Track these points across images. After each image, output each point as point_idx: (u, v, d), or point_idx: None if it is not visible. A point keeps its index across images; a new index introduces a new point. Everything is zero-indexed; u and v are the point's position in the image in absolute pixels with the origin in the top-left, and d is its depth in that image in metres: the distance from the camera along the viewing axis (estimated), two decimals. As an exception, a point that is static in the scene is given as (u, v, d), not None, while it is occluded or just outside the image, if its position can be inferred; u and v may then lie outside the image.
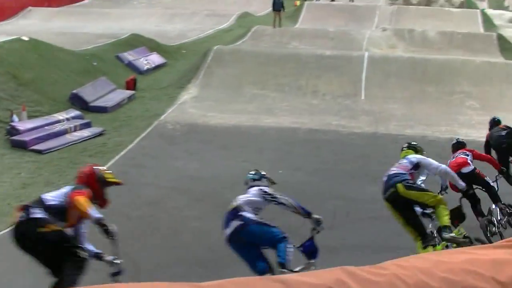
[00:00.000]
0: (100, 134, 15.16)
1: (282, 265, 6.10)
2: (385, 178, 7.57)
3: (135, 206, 10.18)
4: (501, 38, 27.19)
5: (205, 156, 13.18)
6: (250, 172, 7.21)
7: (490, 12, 39.67)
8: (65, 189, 6.05)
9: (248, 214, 6.42)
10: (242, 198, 6.67)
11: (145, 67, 22.82)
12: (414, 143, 8.57)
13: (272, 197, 6.67)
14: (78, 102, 17.45)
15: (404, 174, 7.45)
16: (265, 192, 6.74)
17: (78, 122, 15.79)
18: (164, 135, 14.86)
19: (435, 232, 7.39)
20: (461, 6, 39.35)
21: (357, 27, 31.63)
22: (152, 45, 24.97)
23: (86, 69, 20.14)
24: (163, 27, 31.39)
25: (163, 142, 14.36)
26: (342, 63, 20.81)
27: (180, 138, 14.64)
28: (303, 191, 10.22)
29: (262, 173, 7.20)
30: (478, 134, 15.60)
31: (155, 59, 24.00)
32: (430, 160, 7.83)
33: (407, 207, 7.33)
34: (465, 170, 8.85)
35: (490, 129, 10.84)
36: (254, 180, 7.05)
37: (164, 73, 22.79)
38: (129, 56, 23.00)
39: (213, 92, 19.09)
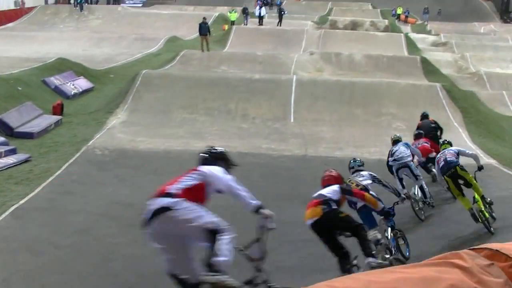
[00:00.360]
0: (26, 161, 14.67)
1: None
2: (442, 163, 10.50)
3: (64, 234, 9.88)
4: (424, 61, 28.41)
5: (136, 182, 13.00)
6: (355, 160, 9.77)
7: (414, 36, 41.46)
8: (336, 187, 7.83)
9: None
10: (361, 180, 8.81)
11: (72, 92, 22.39)
12: (447, 140, 12.26)
13: (379, 180, 8.96)
14: (2, 128, 16.88)
15: (456, 160, 10.56)
16: (375, 176, 9.05)
17: (3, 148, 15.21)
18: (93, 161, 14.55)
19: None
20: (386, 30, 40.90)
21: (285, 51, 32.29)
22: (79, 70, 24.55)
23: (11, 94, 19.55)
24: (91, 51, 30.96)
25: (92, 168, 14.05)
26: (271, 86, 21.10)
27: (110, 164, 14.39)
28: (234, 214, 10.22)
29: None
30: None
31: (83, 83, 23.58)
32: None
33: (461, 182, 10.46)
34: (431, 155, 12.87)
35: (421, 121, 14.75)
36: (359, 166, 9.49)
37: (92, 97, 22.42)
38: (55, 80, 22.51)
39: (142, 117, 18.92)
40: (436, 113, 19.82)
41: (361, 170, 9.35)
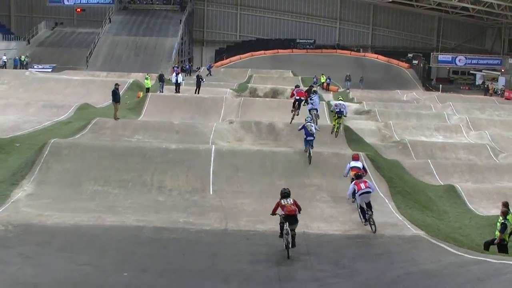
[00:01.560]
0: None
1: None
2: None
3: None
4: (347, 130, 29.29)
5: (43, 259, 12.66)
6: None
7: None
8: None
9: None
10: None
11: (-29, 163, 21.69)
12: None
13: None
14: None
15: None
16: None
17: None
18: (-7, 238, 14.09)
19: None
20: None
21: (204, 119, 32.66)
22: (-20, 138, 23.89)
23: None
24: (-7, 118, 30.28)
25: (-8, 246, 13.59)
26: (188, 157, 21.23)
27: (13, 241, 13.96)
28: None
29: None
30: (330, 227, 16.53)
31: (-17, 153, 22.92)
32: None
33: None
34: None
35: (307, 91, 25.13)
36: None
37: (-6, 169, 21.79)
38: (-49, 150, 21.79)
39: (50, 189, 18.56)
40: (360, 183, 20.52)
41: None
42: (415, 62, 71.59)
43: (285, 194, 14.69)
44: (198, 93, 40.91)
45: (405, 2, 74.80)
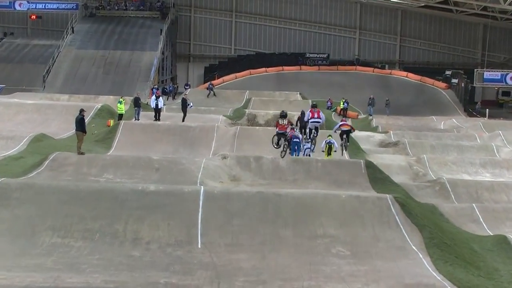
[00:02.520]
0: None
1: None
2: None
3: None
4: (370, 166, 29.28)
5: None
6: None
7: (355, 134, 43.08)
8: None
9: None
10: None
11: None
12: None
13: None
14: None
15: None
16: None
17: None
18: None
19: None
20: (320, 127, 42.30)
21: (190, 154, 32.68)
22: None
23: None
24: None
25: None
26: (171, 201, 21.11)
27: None
28: None
29: None
30: (347, 289, 16.39)
31: None
32: None
33: None
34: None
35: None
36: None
37: None
38: None
39: (-4, 243, 18.46)
40: (387, 234, 20.28)
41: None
42: (454, 81, 71.89)
43: (283, 115, 29.92)
44: (184, 120, 41.06)
45: (442, 6, 74.90)
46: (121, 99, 44.49)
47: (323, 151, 31.26)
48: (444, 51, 79.83)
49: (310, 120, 31.23)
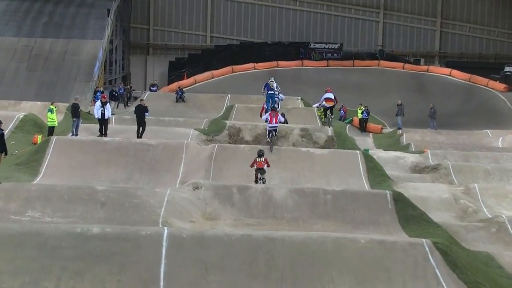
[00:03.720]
0: None
1: None
2: None
3: None
4: (399, 200, 29.19)
5: None
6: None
7: (379, 154, 43.05)
8: None
9: None
10: None
11: None
12: None
13: None
14: None
15: None
16: None
17: None
18: None
19: None
20: (328, 144, 42.24)
21: (149, 182, 32.67)
22: None
23: None
24: None
25: None
26: (122, 248, 21.04)
27: None
28: None
29: None
30: None
31: None
32: None
33: None
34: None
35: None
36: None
37: None
38: None
39: None
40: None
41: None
42: (517, 80, 71.97)
43: (260, 154, 32.63)
44: (141, 136, 40.88)
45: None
46: (52, 107, 44.16)
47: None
48: (502, 38, 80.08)
49: (268, 125, 39.17)
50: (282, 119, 41.61)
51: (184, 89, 64.79)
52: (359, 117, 58.66)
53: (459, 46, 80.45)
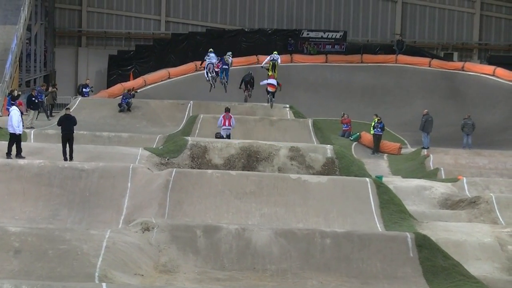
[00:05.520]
0: None
1: None
2: None
3: None
4: (424, 246, 29.22)
5: None
6: None
7: (397, 183, 43.21)
8: None
9: None
10: None
11: None
12: None
13: None
14: None
15: None
16: None
17: None
18: None
19: None
20: (327, 169, 42.31)
21: (82, 221, 32.69)
22: None
23: None
24: None
25: None
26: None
27: None
28: None
29: None
30: None
31: None
32: None
33: None
34: None
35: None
36: None
37: None
38: None
39: None
40: None
41: None
42: None
43: (227, 109, 49.76)
44: (71, 157, 40.90)
45: None
46: None
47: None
48: None
49: (222, 127, 49.16)
50: (234, 123, 50.61)
51: (133, 93, 64.64)
52: (371, 133, 58.78)
53: (507, 35, 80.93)
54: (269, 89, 57.12)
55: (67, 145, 41.16)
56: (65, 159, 40.49)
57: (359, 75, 74.36)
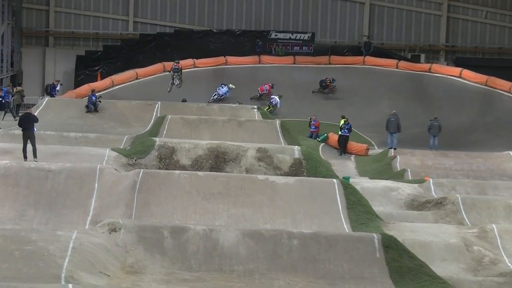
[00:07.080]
0: None
1: None
2: None
3: None
4: (391, 247, 29.19)
5: None
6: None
7: (364, 184, 43.26)
8: None
9: None
10: None
11: None
12: None
13: None
14: None
15: None
16: None
17: None
18: None
19: None
20: (294, 170, 42.30)
21: (48, 221, 32.61)
22: None
23: None
24: None
25: None
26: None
27: None
28: None
29: None
30: None
31: None
32: None
33: None
34: None
35: None
36: None
37: None
38: None
39: None
40: None
41: None
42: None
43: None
44: (35, 155, 40.76)
45: None
46: None
47: None
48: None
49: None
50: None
51: (99, 94, 64.40)
52: (339, 134, 58.79)
53: (473, 37, 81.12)
54: None
55: (28, 144, 41.05)
56: (25, 157, 40.38)
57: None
